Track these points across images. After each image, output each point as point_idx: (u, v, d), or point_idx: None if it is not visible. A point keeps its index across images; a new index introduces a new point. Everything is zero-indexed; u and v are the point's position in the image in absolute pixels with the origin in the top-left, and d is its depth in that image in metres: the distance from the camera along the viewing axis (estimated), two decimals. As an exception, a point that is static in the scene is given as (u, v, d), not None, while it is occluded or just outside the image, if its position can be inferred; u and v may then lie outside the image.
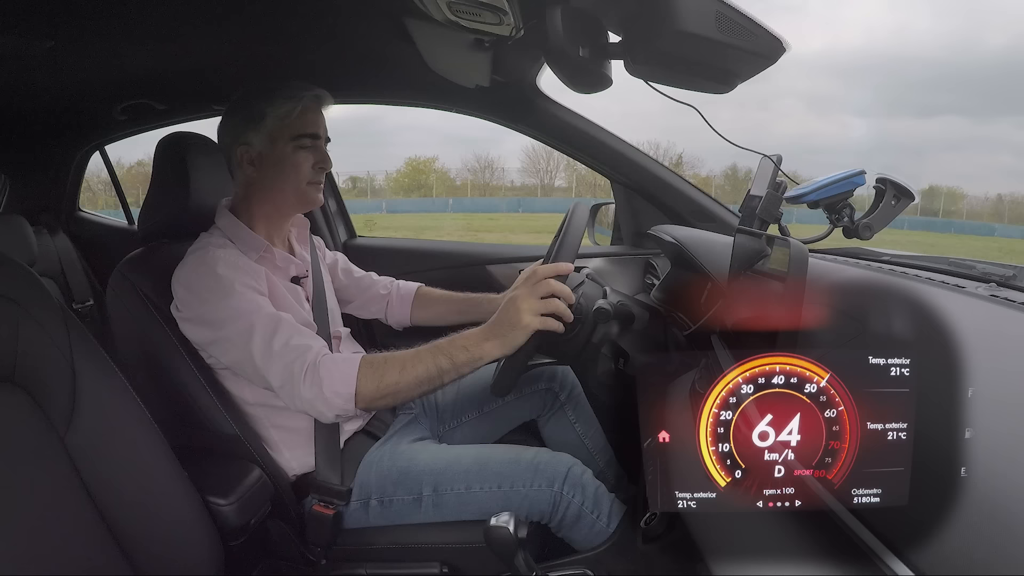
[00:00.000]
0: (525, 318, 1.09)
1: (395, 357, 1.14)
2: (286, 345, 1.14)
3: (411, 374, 1.12)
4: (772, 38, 0.89)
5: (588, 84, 1.10)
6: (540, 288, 1.10)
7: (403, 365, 1.13)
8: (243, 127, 1.29)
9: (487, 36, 1.21)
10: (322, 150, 1.32)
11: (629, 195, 2.03)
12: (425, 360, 1.13)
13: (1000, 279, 0.83)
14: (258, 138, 1.28)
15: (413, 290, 1.66)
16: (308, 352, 1.13)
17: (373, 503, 1.25)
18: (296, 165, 1.29)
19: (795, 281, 0.78)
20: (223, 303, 1.16)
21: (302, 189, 1.31)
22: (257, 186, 1.31)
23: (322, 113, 1.34)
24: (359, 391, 1.11)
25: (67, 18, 1.26)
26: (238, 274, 1.19)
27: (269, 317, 1.16)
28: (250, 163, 1.29)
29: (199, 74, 1.75)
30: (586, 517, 1.22)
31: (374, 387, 1.12)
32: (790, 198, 1.06)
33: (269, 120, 1.27)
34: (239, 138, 1.29)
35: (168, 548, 0.96)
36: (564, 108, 1.86)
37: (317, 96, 1.32)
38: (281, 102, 1.27)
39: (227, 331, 1.16)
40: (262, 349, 1.14)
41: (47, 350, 0.88)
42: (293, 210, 1.38)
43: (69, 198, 2.77)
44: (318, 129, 1.31)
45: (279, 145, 1.28)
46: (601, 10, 1.01)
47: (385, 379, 1.12)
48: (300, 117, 1.28)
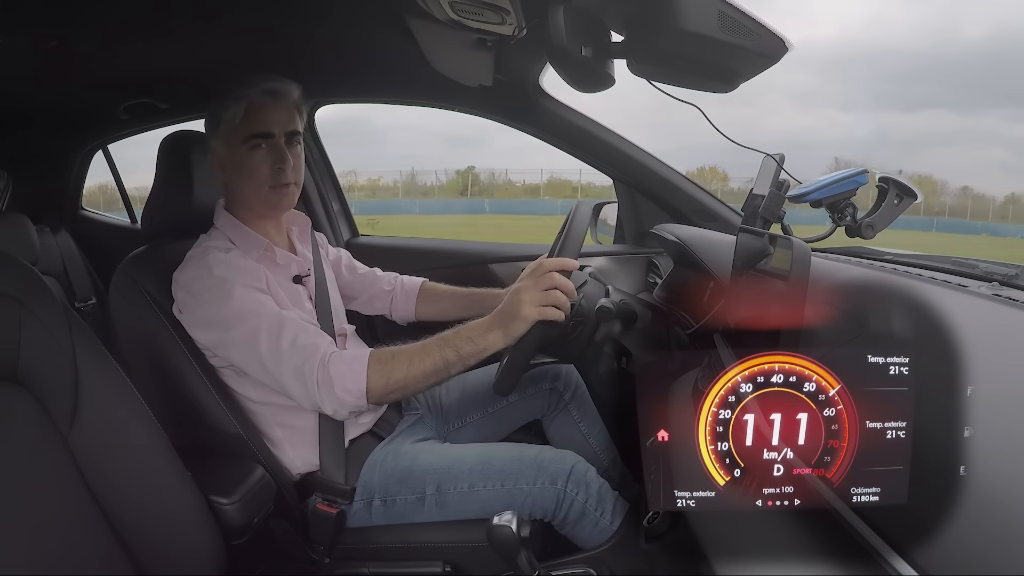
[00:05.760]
0: (525, 308, 1.09)
1: (403, 352, 1.15)
2: (293, 345, 1.13)
3: (419, 368, 1.13)
4: (774, 37, 0.89)
5: (590, 83, 1.10)
6: (544, 281, 1.10)
7: (411, 359, 1.13)
8: (209, 133, 1.29)
9: (490, 35, 1.21)
10: (279, 148, 1.26)
11: (632, 194, 2.03)
12: (432, 353, 1.13)
13: (1003, 278, 0.83)
14: (218, 143, 1.27)
15: (417, 285, 1.66)
16: (316, 352, 1.13)
17: (376, 502, 1.25)
18: (252, 168, 1.25)
19: (798, 280, 0.77)
20: (224, 304, 1.16)
21: (264, 192, 1.27)
22: (231, 189, 1.31)
23: (281, 109, 1.27)
24: (370, 388, 1.12)
25: (70, 18, 1.27)
26: (237, 275, 1.18)
27: (273, 317, 1.16)
28: (220, 168, 1.29)
29: (201, 73, 1.75)
30: (590, 515, 1.22)
31: (384, 383, 1.12)
32: (793, 197, 1.06)
33: (223, 124, 1.25)
34: (207, 143, 1.29)
35: (171, 547, 0.97)
36: (566, 107, 1.85)
37: (268, 91, 1.25)
38: (229, 103, 1.24)
39: (232, 333, 1.16)
40: (270, 351, 1.13)
41: (50, 349, 0.88)
42: (266, 214, 1.33)
43: (72, 197, 2.78)
44: (270, 127, 1.25)
45: (233, 148, 1.25)
46: (603, 9, 1.01)
47: (394, 374, 1.12)
48: (247, 117, 1.23)
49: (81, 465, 0.89)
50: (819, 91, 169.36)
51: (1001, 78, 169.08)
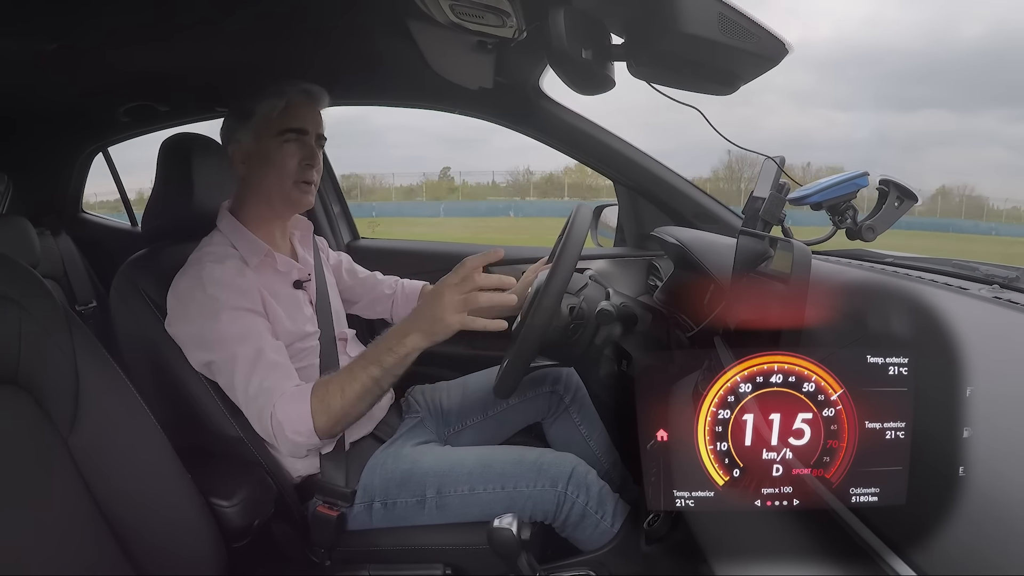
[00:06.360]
0: (448, 316, 1.05)
1: (334, 380, 1.13)
2: (259, 388, 1.13)
3: (350, 393, 1.12)
4: (774, 39, 0.89)
5: (590, 86, 1.10)
6: (465, 284, 1.05)
7: (342, 387, 1.12)
8: (235, 126, 1.30)
9: (490, 38, 1.21)
10: (310, 146, 1.31)
11: (632, 197, 2.03)
12: (358, 375, 1.12)
13: (1003, 281, 0.83)
14: (247, 135, 1.29)
15: (418, 289, 1.67)
16: (273, 396, 1.13)
17: (377, 505, 1.25)
18: (281, 160, 1.28)
19: (798, 283, 0.77)
20: (209, 326, 1.16)
21: (288, 187, 1.30)
22: (249, 185, 1.32)
23: (315, 110, 1.33)
24: (316, 426, 1.11)
25: (70, 20, 1.27)
26: (229, 295, 1.18)
27: (251, 350, 1.15)
28: (241, 161, 1.30)
29: (201, 76, 1.76)
30: (590, 517, 1.22)
31: (326, 417, 1.12)
32: (793, 200, 1.06)
33: (256, 117, 1.28)
34: (232, 136, 1.31)
35: (171, 549, 0.96)
36: (567, 109, 1.86)
37: (306, 91, 1.31)
38: (267, 98, 1.28)
39: (215, 356, 1.16)
40: (241, 388, 1.14)
41: (50, 352, 0.88)
42: (283, 211, 1.36)
43: (72, 200, 2.79)
44: (305, 124, 1.30)
45: (264, 141, 1.28)
46: (604, 12, 1.01)
47: (332, 407, 1.12)
48: (285, 112, 1.28)
49: (81, 468, 0.88)
50: (816, 91, 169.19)
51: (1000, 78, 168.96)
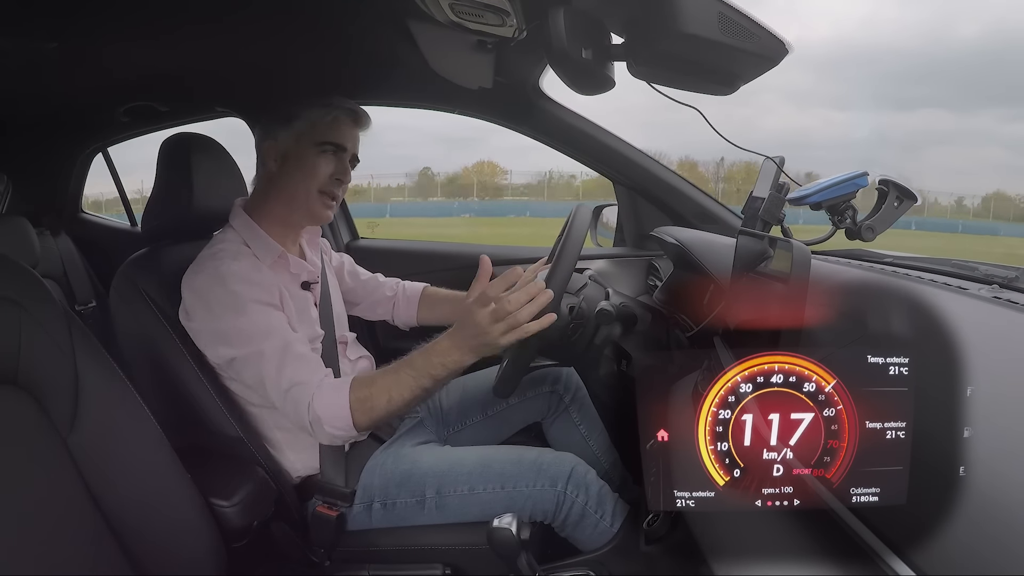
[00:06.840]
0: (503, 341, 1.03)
1: (379, 383, 1.12)
2: (292, 382, 1.13)
3: (398, 400, 1.12)
4: (774, 39, 0.88)
5: (590, 86, 1.10)
6: (500, 313, 1.02)
7: (389, 393, 1.11)
8: (274, 125, 1.31)
9: (490, 37, 1.21)
10: (344, 163, 1.33)
11: (632, 197, 2.03)
12: (409, 384, 1.11)
13: (1003, 281, 0.83)
14: (285, 135, 1.30)
15: (419, 291, 1.66)
16: (309, 390, 1.13)
17: (376, 505, 1.25)
18: (315, 166, 1.29)
19: (798, 283, 0.77)
20: (236, 320, 1.16)
21: (313, 195, 1.30)
22: (275, 184, 1.32)
23: (355, 130, 1.35)
24: (355, 422, 1.12)
25: (70, 20, 1.27)
26: (251, 289, 1.18)
27: (278, 343, 1.15)
28: (274, 159, 1.31)
29: (202, 76, 1.76)
30: (590, 517, 1.22)
31: (367, 418, 1.12)
32: (792, 200, 1.06)
33: (300, 121, 1.29)
34: (268, 134, 1.32)
35: (171, 549, 0.97)
36: (566, 109, 1.86)
37: (352, 111, 1.33)
38: (316, 108, 1.30)
39: (240, 352, 1.16)
40: (273, 383, 1.14)
41: (49, 352, 0.88)
42: (301, 220, 1.36)
43: (72, 200, 2.79)
44: (345, 141, 1.32)
45: (303, 145, 1.29)
46: (604, 12, 1.01)
47: (376, 409, 1.12)
48: (330, 125, 1.30)
49: (81, 467, 0.89)
50: (815, 91, 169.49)
51: (997, 77, 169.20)
